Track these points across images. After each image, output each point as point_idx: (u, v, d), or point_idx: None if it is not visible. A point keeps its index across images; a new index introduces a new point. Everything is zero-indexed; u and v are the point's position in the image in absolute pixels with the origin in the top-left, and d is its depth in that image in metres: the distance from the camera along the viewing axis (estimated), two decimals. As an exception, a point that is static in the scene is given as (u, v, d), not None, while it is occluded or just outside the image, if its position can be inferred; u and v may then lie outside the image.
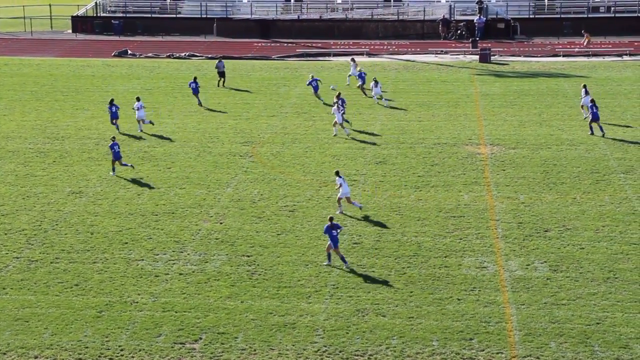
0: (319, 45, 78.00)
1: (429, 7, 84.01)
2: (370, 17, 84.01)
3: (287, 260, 30.10)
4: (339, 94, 48.21)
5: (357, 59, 63.80)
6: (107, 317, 26.00)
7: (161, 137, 46.00)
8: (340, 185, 34.45)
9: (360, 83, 56.65)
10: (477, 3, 80.00)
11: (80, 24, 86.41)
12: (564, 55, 70.69)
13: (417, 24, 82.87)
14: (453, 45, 76.81)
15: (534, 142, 44.35)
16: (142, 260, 30.15)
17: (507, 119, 48.74)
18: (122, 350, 24.22)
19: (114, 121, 46.61)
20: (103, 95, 56.49)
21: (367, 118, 50.20)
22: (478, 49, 71.15)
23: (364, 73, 57.40)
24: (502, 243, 31.54)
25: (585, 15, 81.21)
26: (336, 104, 46.51)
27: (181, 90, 57.97)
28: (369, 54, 73.40)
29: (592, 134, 45.54)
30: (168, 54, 73.14)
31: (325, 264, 29.75)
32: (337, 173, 34.98)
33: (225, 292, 27.64)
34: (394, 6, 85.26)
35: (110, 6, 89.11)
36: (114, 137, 40.64)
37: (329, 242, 29.62)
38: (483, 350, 24.26)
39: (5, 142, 44.77)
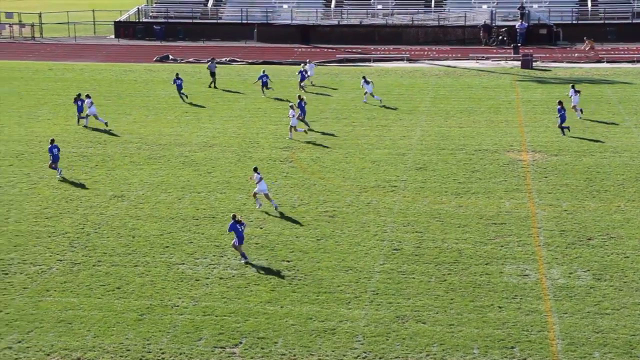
0: (359, 50, 77.99)
1: (470, 12, 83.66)
2: (410, 22, 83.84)
3: (327, 266, 30.07)
4: (299, 96, 49.26)
5: (397, 64, 63.60)
6: (149, 320, 26.13)
7: (202, 142, 46.23)
8: (258, 182, 35.17)
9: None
10: (519, 9, 79.56)
11: (123, 29, 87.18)
12: (607, 62, 70.05)
13: (457, 30, 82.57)
14: (494, 51, 76.41)
15: (577, 149, 43.96)
16: (183, 264, 30.29)
17: (549, 125, 48.33)
18: (163, 353, 24.34)
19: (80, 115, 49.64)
20: (145, 100, 56.90)
21: (408, 124, 50.08)
22: (520, 55, 70.75)
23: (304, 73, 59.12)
24: (544, 251, 31.27)
25: (630, 21, 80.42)
26: (292, 108, 46.83)
27: (222, 96, 58.24)
28: (409, 60, 73.24)
29: (564, 135, 46.53)
30: (209, 59, 73.46)
31: (243, 261, 30.17)
32: (255, 169, 35.63)
33: (266, 297, 27.67)
34: (434, 12, 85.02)
35: (152, 12, 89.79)
36: (52, 140, 40.99)
37: (234, 240, 30.09)
38: (525, 359, 24.06)
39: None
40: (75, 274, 29.37)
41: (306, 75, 60.49)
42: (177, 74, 57.85)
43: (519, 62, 69.11)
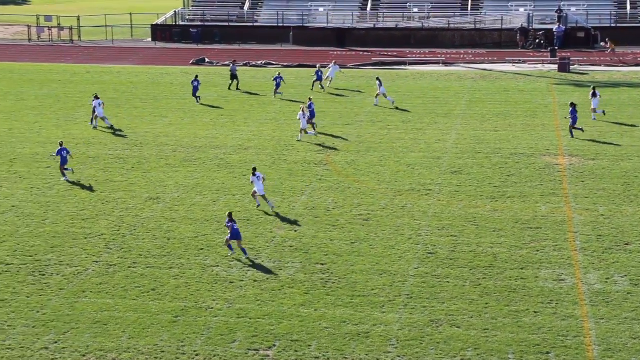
0: (395, 53, 77.86)
1: (507, 15, 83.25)
2: (446, 25, 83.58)
3: (361, 269, 30.03)
4: (310, 98, 49.71)
5: (433, 67, 63.43)
6: (183, 322, 26.24)
7: (237, 144, 46.37)
8: (252, 182, 35.76)
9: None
10: (556, 12, 79.00)
11: (160, 32, 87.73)
12: (645, 65, 69.40)
13: (494, 33, 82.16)
14: (531, 54, 75.96)
15: (615, 154, 43.55)
16: (218, 266, 30.38)
17: (586, 129, 47.94)
18: (197, 355, 24.42)
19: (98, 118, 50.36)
20: (181, 102, 57.18)
21: (443, 127, 49.91)
22: (557, 58, 70.26)
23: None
24: (581, 256, 31.00)
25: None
26: (302, 109, 46.96)
27: (257, 99, 58.41)
28: (445, 63, 72.99)
29: (572, 137, 46.69)
30: (244, 62, 73.74)
31: (244, 257, 30.88)
32: (253, 170, 35.95)
33: (299, 300, 27.68)
34: (471, 15, 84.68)
35: (188, 15, 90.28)
36: (62, 142, 41.21)
37: (227, 235, 30.96)
38: (560, 364, 23.87)
39: (86, 148, 45.60)
40: (111, 275, 29.57)
41: (322, 76, 61.12)
42: (196, 76, 58.47)
43: (556, 66, 68.64)
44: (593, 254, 31.07)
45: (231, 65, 62.75)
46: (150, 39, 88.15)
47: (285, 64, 72.15)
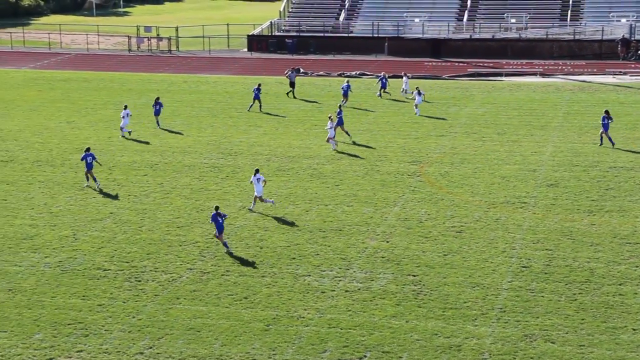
0: (491, 65, 77.10)
1: (608, 26, 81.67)
2: (544, 36, 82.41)
3: (454, 282, 29.73)
4: (339, 106, 50.57)
5: (530, 79, 62.59)
6: (275, 331, 26.36)
7: (330, 154, 46.49)
8: (252, 183, 36.65)
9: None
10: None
11: (256, 42, 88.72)
12: None
13: (594, 44, 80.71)
14: (632, 65, 74.27)
15: None
16: (309, 275, 30.46)
17: (688, 142, 46.62)
18: (287, 364, 24.51)
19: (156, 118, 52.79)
20: (275, 112, 57.62)
21: (539, 139, 49.17)
22: (658, 70, 68.62)
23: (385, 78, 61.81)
24: (681, 272, 30.10)
25: None
26: (330, 119, 47.21)
27: (351, 109, 58.48)
28: (542, 74, 71.96)
29: (602, 144, 47.06)
30: (339, 72, 73.99)
31: (225, 251, 32.33)
32: (256, 171, 36.84)
33: (391, 311, 27.55)
34: (570, 25, 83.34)
35: (284, 25, 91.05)
36: (88, 148, 41.51)
37: (215, 230, 32.31)
38: (658, 384, 23.20)
39: (182, 157, 46.32)
40: (205, 283, 29.91)
41: (387, 84, 62.14)
42: (258, 84, 59.48)
43: (658, 77, 67.06)
44: (694, 271, 30.15)
45: (290, 72, 63.60)
46: (246, 49, 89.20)
47: (379, 74, 72.05)
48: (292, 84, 62.94)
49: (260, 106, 58.18)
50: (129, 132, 50.62)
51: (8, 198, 39.15)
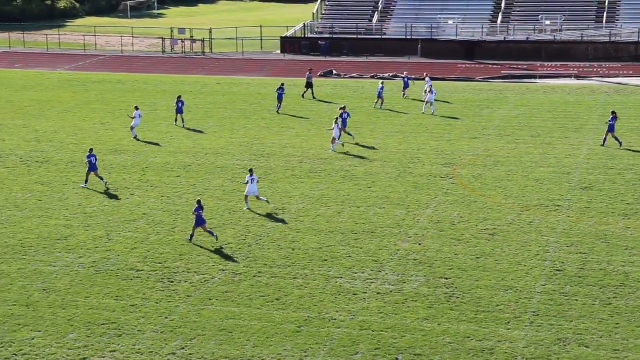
0: (525, 67, 76.67)
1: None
2: (579, 38, 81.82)
3: (486, 285, 29.58)
4: (344, 107, 50.51)
5: (565, 81, 62.18)
6: (306, 333, 26.37)
7: (363, 156, 46.46)
8: (247, 183, 37.20)
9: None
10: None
11: (289, 44, 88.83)
12: None
13: (630, 46, 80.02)
14: (668, 67, 73.58)
15: None
16: (341, 277, 30.44)
17: None
18: (319, 366, 24.50)
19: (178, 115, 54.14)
20: (308, 114, 57.67)
21: (574, 142, 48.82)
22: (695, 72, 67.90)
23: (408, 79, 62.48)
24: None
25: None
26: (336, 121, 47.48)
27: (384, 111, 58.40)
28: (577, 77, 71.44)
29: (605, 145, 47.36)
30: (372, 74, 73.92)
31: (186, 238, 33.80)
32: (250, 171, 37.49)
33: (423, 314, 27.46)
34: (606, 27, 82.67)
35: (317, 27, 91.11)
36: (91, 149, 41.77)
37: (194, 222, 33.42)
38: (694, 390, 22.93)
39: (215, 158, 46.49)
40: (237, 284, 29.99)
41: (409, 84, 62.59)
42: (282, 84, 60.03)
43: (694, 80, 66.35)
44: None
45: (307, 74, 64.15)
46: (279, 51, 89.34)
47: (412, 76, 71.92)
48: (309, 85, 63.34)
49: (280, 107, 58.33)
50: (135, 137, 50.87)
51: (43, 199, 39.50)
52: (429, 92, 57.03)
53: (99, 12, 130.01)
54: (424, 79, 63.40)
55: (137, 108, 51.75)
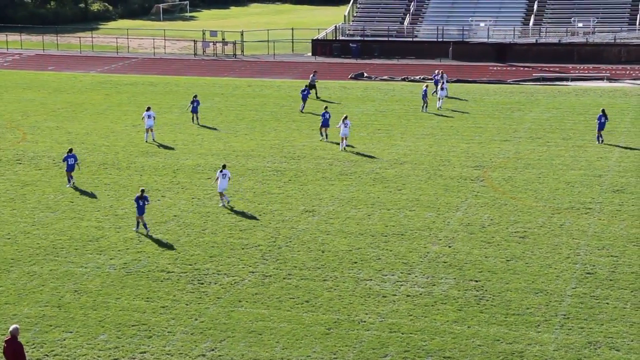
0: (557, 69, 76.24)
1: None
2: (612, 40, 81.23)
3: (516, 287, 29.46)
4: (326, 107, 52.24)
5: (597, 83, 61.77)
6: (336, 335, 26.41)
7: (393, 159, 46.42)
8: (217, 179, 38.18)
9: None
10: None
11: (320, 47, 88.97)
12: None
13: (663, 48, 79.32)
14: (702, 69, 72.88)
15: None
16: (371, 280, 30.45)
17: None
18: (348, 368, 24.53)
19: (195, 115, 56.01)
20: (338, 116, 57.73)
21: (605, 145, 48.48)
22: None
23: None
24: None
25: None
26: (343, 120, 48.67)
27: (415, 113, 58.34)
28: (609, 79, 70.94)
29: (601, 142, 48.58)
30: (403, 77, 73.83)
31: (134, 229, 35.21)
32: (223, 166, 38.63)
33: (452, 316, 27.41)
34: (639, 29, 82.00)
35: (349, 30, 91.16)
36: (71, 149, 42.76)
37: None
38: None
39: (245, 160, 46.66)
40: (266, 286, 30.08)
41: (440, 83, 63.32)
42: (305, 85, 62.15)
43: None
44: None
45: (312, 75, 65.68)
46: (310, 54, 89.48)
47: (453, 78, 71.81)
48: (312, 86, 64.45)
49: (303, 106, 59.46)
50: (147, 139, 51.09)
51: (75, 200, 39.84)
52: (441, 88, 58.94)
53: (131, 14, 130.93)
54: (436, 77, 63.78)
55: (149, 108, 51.90)
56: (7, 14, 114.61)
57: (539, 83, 70.67)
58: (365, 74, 75.48)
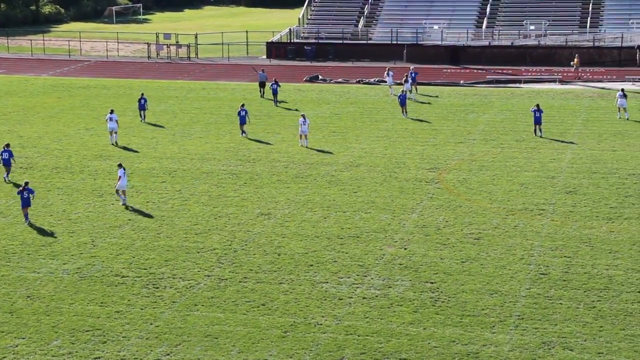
0: (510, 71, 76.92)
1: (628, 33, 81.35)
2: (564, 43, 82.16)
3: (472, 289, 29.64)
4: (243, 105, 53.54)
5: (549, 85, 62.39)
6: (292, 338, 26.36)
7: (348, 161, 46.50)
8: (120, 178, 38.66)
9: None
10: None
11: (275, 49, 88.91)
12: None
13: (614, 51, 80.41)
14: (651, 72, 73.92)
15: None
16: (327, 282, 30.45)
17: None
18: (304, 371, 24.49)
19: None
20: (294, 119, 57.70)
21: (558, 147, 49.01)
22: (678, 76, 68.25)
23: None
24: (701, 280, 29.89)
25: None
26: (303, 116, 49.86)
27: (370, 116, 58.49)
28: (561, 81, 71.71)
29: (537, 135, 51.24)
30: (357, 79, 74.02)
31: (25, 222, 36.25)
32: (119, 165, 39.29)
33: (408, 318, 27.50)
34: (589, 32, 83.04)
35: (303, 32, 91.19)
36: (7, 144, 43.66)
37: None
38: (678, 393, 23.04)
39: (200, 164, 46.44)
40: (222, 289, 29.95)
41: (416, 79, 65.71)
42: (274, 80, 63.96)
43: (678, 84, 66.69)
44: None
45: (260, 73, 67.03)
46: (265, 56, 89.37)
47: (397, 81, 72.10)
48: (262, 85, 65.46)
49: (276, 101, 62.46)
50: (112, 141, 51.07)
51: (27, 205, 39.34)
52: (406, 81, 62.20)
53: (83, 17, 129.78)
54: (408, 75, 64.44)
55: (112, 111, 51.52)
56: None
57: (492, 85, 71.26)
58: (320, 77, 75.55)
